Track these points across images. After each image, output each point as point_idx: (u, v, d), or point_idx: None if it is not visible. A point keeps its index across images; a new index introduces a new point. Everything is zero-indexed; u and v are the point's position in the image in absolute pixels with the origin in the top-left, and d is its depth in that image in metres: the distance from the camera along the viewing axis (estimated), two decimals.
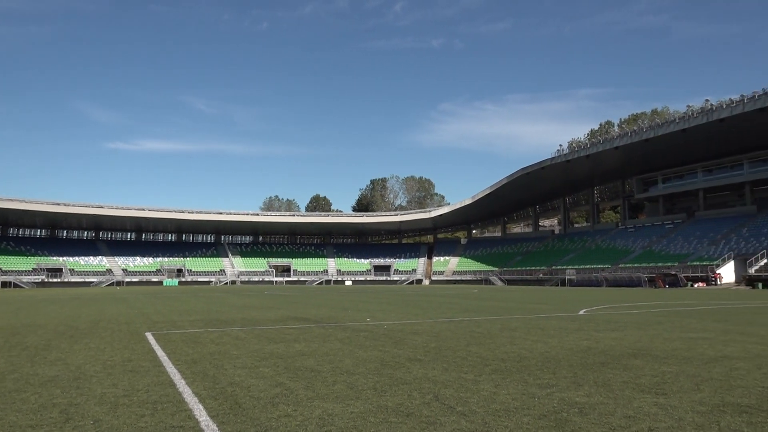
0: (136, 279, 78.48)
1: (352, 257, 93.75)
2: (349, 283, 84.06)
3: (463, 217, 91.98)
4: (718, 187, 63.67)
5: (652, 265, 55.94)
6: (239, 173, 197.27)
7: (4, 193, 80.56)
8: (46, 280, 72.27)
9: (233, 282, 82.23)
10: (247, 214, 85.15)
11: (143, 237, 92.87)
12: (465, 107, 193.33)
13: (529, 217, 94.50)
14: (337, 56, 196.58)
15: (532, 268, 71.13)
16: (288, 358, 7.85)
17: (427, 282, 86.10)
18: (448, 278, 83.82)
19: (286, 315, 16.68)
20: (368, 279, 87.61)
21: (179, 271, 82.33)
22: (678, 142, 56.51)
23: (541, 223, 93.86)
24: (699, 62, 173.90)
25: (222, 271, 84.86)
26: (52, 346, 9.45)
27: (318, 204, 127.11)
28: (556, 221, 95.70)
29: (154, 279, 79.63)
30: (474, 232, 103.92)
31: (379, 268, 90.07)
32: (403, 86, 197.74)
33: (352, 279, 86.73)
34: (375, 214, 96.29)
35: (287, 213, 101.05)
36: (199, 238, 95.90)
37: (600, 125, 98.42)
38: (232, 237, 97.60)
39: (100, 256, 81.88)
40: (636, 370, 6.73)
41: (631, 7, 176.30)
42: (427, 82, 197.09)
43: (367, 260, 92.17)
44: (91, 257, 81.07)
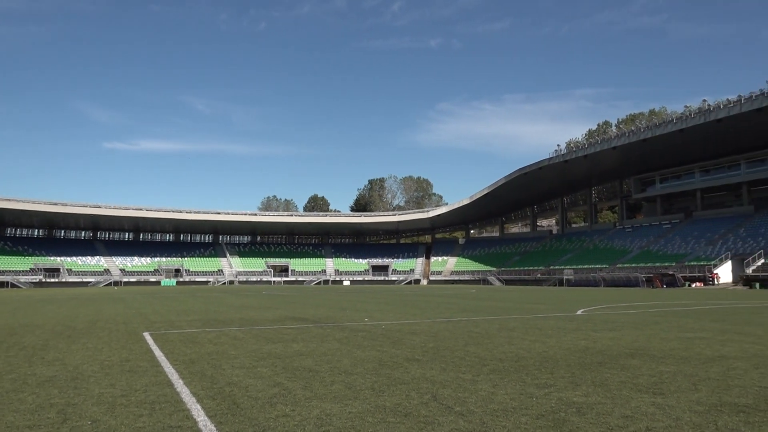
0: (133, 279, 78.38)
1: (350, 257, 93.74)
2: (347, 283, 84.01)
3: (461, 217, 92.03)
4: (716, 187, 63.80)
5: (649, 265, 56.03)
6: (237, 173, 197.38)
7: (2, 193, 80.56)
8: (44, 280, 72.12)
9: (231, 282, 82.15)
10: (245, 214, 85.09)
11: (141, 237, 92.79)
12: (463, 107, 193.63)
13: (527, 217, 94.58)
14: (334, 56, 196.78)
15: (530, 268, 71.18)
16: (286, 358, 7.85)
17: (425, 282, 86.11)
18: (446, 278, 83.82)
19: (284, 315, 16.67)
20: (366, 279, 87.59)
21: (177, 271, 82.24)
22: (675, 142, 56.62)
23: (539, 223, 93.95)
24: (696, 62, 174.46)
25: (220, 271, 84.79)
26: (50, 346, 9.44)
27: (316, 204, 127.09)
28: (554, 221, 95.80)
29: (152, 279, 79.54)
30: (472, 232, 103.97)
31: (377, 268, 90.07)
32: (401, 86, 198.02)
33: (350, 279, 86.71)
34: (373, 214, 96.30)
35: (285, 213, 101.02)
36: (197, 238, 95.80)
37: (598, 125, 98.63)
38: (230, 237, 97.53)
39: (98, 256, 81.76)
40: (633, 369, 6.74)
41: (629, 8, 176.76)
42: (425, 81, 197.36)
43: (365, 260, 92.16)
44: (89, 257, 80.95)
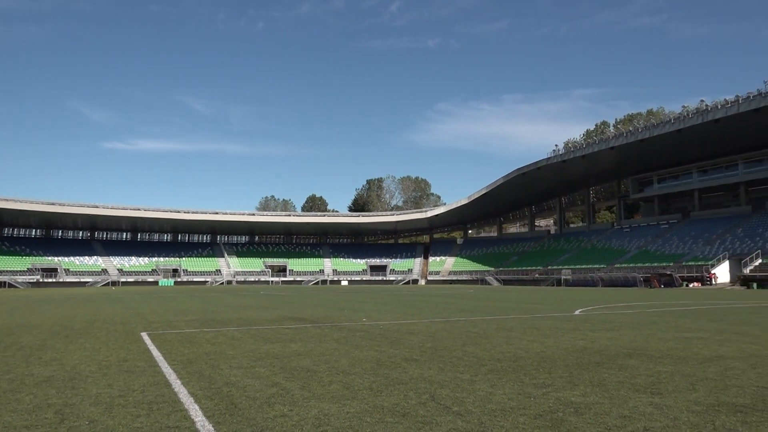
0: (131, 279, 78.28)
1: (348, 257, 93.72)
2: (345, 283, 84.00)
3: (459, 217, 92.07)
4: (713, 187, 63.95)
5: (647, 265, 56.11)
6: (235, 173, 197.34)
7: (0, 193, 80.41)
8: (41, 280, 71.99)
9: (229, 282, 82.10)
10: (243, 214, 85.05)
11: (139, 237, 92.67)
12: (461, 107, 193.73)
13: (525, 217, 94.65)
14: (333, 56, 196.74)
15: (528, 268, 71.24)
16: (284, 358, 7.84)
17: (423, 282, 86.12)
18: (444, 278, 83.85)
19: (282, 315, 16.65)
20: (364, 279, 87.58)
21: (175, 271, 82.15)
22: (673, 142, 56.72)
23: (537, 223, 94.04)
24: (694, 63, 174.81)
25: (218, 271, 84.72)
26: (47, 347, 9.41)
27: (314, 204, 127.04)
28: (552, 221, 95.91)
29: (150, 279, 79.44)
30: (470, 232, 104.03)
31: (375, 268, 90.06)
32: (399, 86, 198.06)
33: (349, 279, 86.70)
34: (371, 214, 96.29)
35: (283, 213, 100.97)
36: (195, 238, 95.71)
37: (596, 125, 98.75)
38: (228, 237, 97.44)
39: (96, 256, 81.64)
40: (631, 369, 6.74)
41: (627, 8, 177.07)
42: (423, 81, 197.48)
43: (363, 260, 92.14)
44: (87, 257, 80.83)
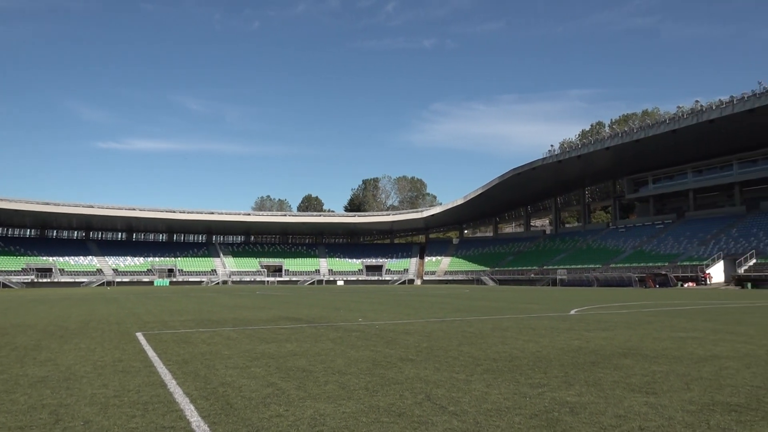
0: (126, 279, 78.04)
1: (344, 257, 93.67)
2: (341, 283, 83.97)
3: (455, 217, 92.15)
4: (708, 187, 64.19)
5: (642, 265, 56.28)
6: (231, 173, 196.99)
7: None
8: (36, 280, 71.69)
9: (225, 282, 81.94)
10: (239, 214, 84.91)
11: (134, 237, 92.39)
12: (457, 107, 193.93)
13: (521, 217, 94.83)
14: (329, 56, 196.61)
15: (524, 268, 71.35)
16: (280, 358, 7.83)
17: (419, 282, 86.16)
18: (440, 278, 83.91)
19: (278, 315, 16.63)
20: (360, 279, 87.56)
21: (170, 271, 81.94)
22: (668, 142, 56.91)
23: (532, 223, 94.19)
24: (689, 63, 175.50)
25: (213, 271, 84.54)
26: (42, 347, 9.37)
27: (310, 204, 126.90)
28: (548, 221, 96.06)
29: (145, 279, 79.22)
30: (466, 232, 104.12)
31: (371, 268, 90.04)
32: (395, 86, 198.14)
33: (344, 279, 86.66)
34: (367, 214, 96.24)
35: (279, 213, 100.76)
36: (191, 238, 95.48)
37: (591, 126, 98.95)
38: (224, 237, 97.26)
39: (91, 256, 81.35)
40: (626, 369, 6.76)
41: (622, 9, 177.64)
42: (419, 82, 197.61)
43: (359, 260, 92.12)
44: (82, 257, 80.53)
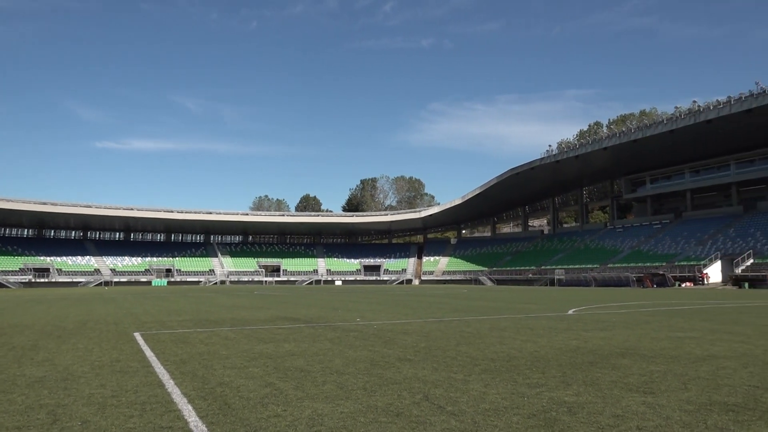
0: (124, 279, 77.92)
1: (342, 257, 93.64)
2: (339, 283, 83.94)
3: (453, 217, 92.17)
4: (705, 187, 64.30)
5: (640, 265, 56.37)
6: (229, 173, 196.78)
7: None
8: (34, 280, 71.54)
9: (223, 282, 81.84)
10: (237, 214, 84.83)
11: (132, 237, 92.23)
12: (455, 107, 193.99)
13: (519, 217, 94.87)
14: (326, 56, 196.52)
15: (522, 268, 71.41)
16: (278, 358, 7.83)
17: (417, 282, 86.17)
18: (438, 278, 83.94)
19: (276, 315, 16.62)
20: (358, 279, 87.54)
21: (168, 271, 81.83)
22: (666, 143, 57.00)
23: (530, 223, 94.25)
24: (687, 63, 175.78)
25: (211, 271, 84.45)
26: (40, 347, 9.36)
27: (308, 204, 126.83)
28: (546, 221, 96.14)
29: (143, 279, 79.11)
30: (464, 232, 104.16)
31: (369, 268, 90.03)
32: (393, 86, 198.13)
33: (342, 279, 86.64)
34: (365, 214, 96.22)
35: (277, 213, 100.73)
36: (189, 237, 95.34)
37: (589, 126, 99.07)
38: (222, 237, 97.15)
39: (88, 256, 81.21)
40: (624, 369, 6.77)
41: (620, 9, 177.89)
42: (417, 82, 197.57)
43: (357, 260, 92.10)
44: (79, 257, 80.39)
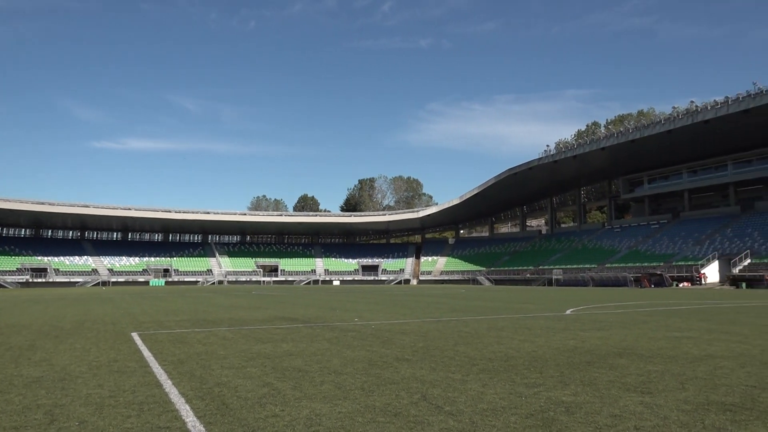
0: (122, 279, 77.81)
1: (340, 257, 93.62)
2: (336, 283, 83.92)
3: (451, 217, 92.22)
4: (703, 187, 64.45)
5: (637, 265, 56.45)
6: (227, 173, 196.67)
7: None
8: (31, 280, 71.40)
9: (220, 282, 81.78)
10: (235, 214, 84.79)
11: (129, 237, 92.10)
12: (453, 107, 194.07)
13: (517, 217, 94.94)
14: (325, 56, 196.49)
15: (520, 268, 71.47)
16: (275, 358, 7.82)
17: (415, 282, 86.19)
18: (436, 278, 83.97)
19: (274, 315, 16.61)
20: (356, 279, 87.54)
21: (166, 271, 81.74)
22: (663, 143, 57.10)
23: (528, 223, 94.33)
24: (685, 64, 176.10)
25: (209, 271, 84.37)
26: (37, 347, 9.34)
27: (306, 204, 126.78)
28: (543, 221, 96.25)
29: (141, 279, 79.00)
30: (462, 232, 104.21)
31: (367, 268, 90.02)
32: (392, 86, 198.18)
33: (340, 279, 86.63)
34: (363, 214, 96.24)
35: (275, 213, 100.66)
36: (186, 237, 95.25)
37: (587, 126, 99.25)
38: (220, 237, 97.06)
39: (86, 256, 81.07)
40: (622, 369, 6.78)
41: (618, 9, 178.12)
42: (415, 82, 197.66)
43: (355, 260, 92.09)
44: (77, 257, 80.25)
